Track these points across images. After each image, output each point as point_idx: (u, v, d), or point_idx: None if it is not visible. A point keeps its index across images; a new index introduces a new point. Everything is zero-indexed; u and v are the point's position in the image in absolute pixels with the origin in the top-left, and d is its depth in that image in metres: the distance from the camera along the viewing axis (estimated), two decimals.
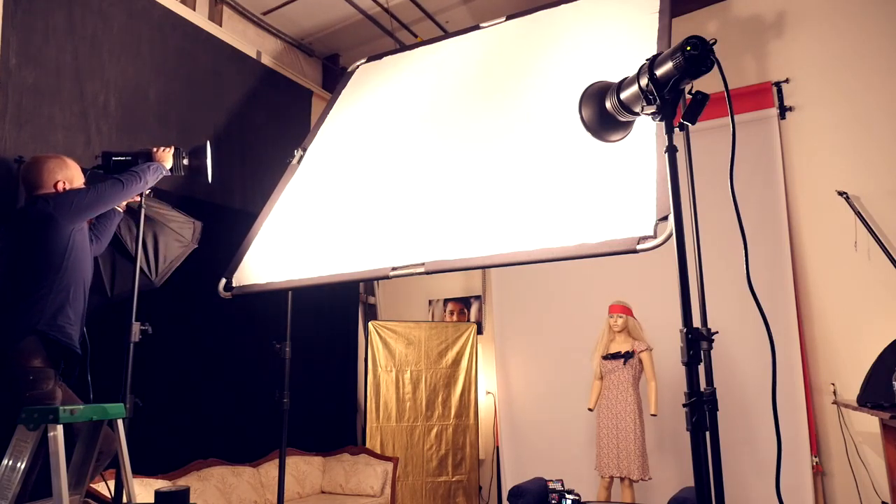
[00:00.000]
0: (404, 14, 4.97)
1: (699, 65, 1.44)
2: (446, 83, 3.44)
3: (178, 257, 3.19)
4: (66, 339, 2.27)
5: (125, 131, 3.62)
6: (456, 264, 2.48)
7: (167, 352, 3.55)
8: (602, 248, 2.07)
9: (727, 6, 4.45)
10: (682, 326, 1.41)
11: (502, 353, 4.95)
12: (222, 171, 3.02)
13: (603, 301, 4.02)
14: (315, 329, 4.73)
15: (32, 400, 2.12)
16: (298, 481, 4.36)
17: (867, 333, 3.57)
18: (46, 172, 2.44)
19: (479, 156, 2.80)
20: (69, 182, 2.47)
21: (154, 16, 3.93)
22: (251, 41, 4.95)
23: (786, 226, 3.90)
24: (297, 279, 2.91)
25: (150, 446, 3.30)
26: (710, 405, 1.44)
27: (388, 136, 3.34)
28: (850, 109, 3.87)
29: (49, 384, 2.21)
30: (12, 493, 1.86)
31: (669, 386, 3.89)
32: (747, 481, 3.69)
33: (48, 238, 2.30)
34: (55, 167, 2.46)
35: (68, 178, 2.48)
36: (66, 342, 2.27)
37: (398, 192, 2.94)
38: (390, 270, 2.54)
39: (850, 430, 3.60)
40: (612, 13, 3.07)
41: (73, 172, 2.52)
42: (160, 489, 2.46)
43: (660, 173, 2.09)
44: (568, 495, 3.39)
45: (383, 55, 4.16)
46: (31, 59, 3.20)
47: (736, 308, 3.13)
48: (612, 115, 1.72)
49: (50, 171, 2.45)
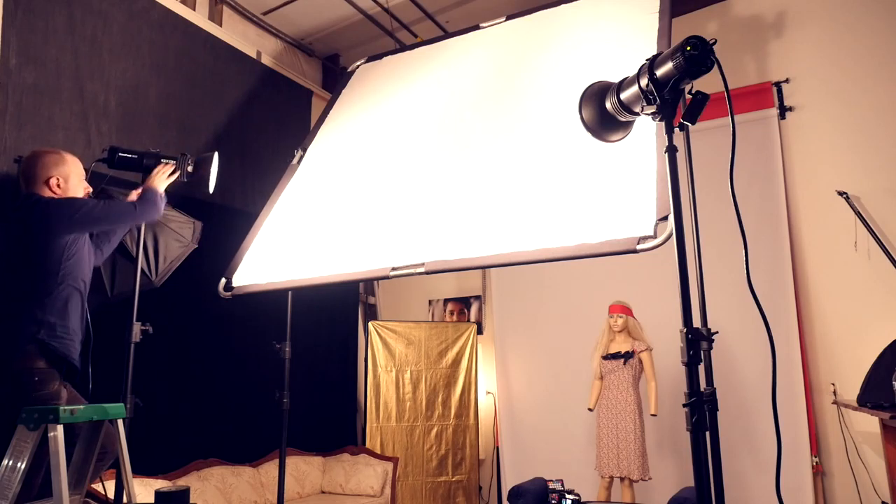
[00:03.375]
0: (404, 14, 4.97)
1: (699, 65, 1.44)
2: (446, 83, 3.44)
3: (178, 257, 3.19)
4: (64, 351, 2.23)
5: (125, 131, 3.62)
6: (456, 264, 2.48)
7: (167, 352, 3.55)
8: (602, 248, 2.07)
9: (727, 6, 4.45)
10: (682, 326, 1.41)
11: (502, 353, 4.95)
12: (222, 170, 3.01)
13: (603, 301, 4.02)
14: (315, 329, 4.73)
15: (39, 400, 2.11)
16: (298, 481, 4.36)
17: (867, 333, 3.57)
18: (41, 167, 2.35)
19: (480, 155, 2.80)
20: (64, 179, 2.38)
21: (154, 16, 3.93)
22: (251, 41, 4.95)
23: (786, 226, 3.90)
24: (297, 279, 2.91)
25: (150, 446, 3.30)
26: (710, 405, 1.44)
27: (387, 136, 3.34)
28: (850, 109, 3.87)
29: (55, 385, 2.20)
30: (12, 493, 1.86)
31: (669, 386, 3.89)
32: (747, 481, 3.69)
33: (45, 244, 2.24)
34: (50, 162, 2.37)
35: (63, 175, 2.38)
36: (65, 353, 2.24)
37: (398, 192, 2.94)
38: (390, 270, 2.54)
39: (850, 430, 3.60)
40: (612, 13, 3.07)
41: (70, 169, 2.42)
42: (160, 489, 2.46)
43: (660, 173, 2.09)
44: (568, 495, 3.39)
45: (383, 55, 4.17)
46: (31, 59, 3.20)
47: (736, 308, 3.13)
48: (612, 115, 1.72)
49: (44, 165, 2.36)
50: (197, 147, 4.02)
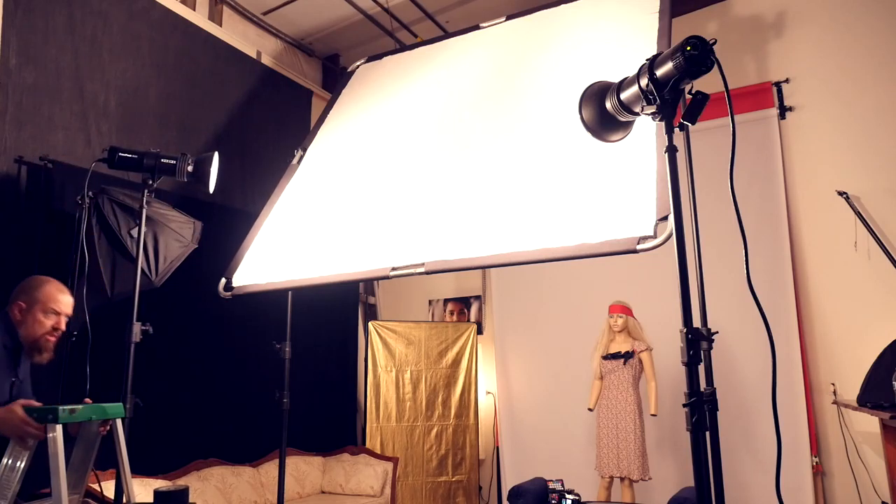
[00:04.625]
0: (404, 14, 4.97)
1: (699, 65, 1.44)
2: (446, 83, 3.44)
3: (178, 257, 3.19)
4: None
5: (125, 131, 3.62)
6: (456, 264, 2.47)
7: (167, 352, 3.55)
8: (602, 248, 2.07)
9: (727, 6, 4.45)
10: (682, 326, 1.41)
11: (502, 353, 4.95)
12: (222, 170, 3.01)
13: (603, 301, 4.01)
14: (315, 329, 4.72)
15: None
16: (298, 481, 4.36)
17: (867, 333, 3.57)
18: (17, 289, 2.21)
19: (480, 155, 2.80)
20: (28, 305, 2.17)
21: (154, 16, 3.93)
22: (251, 41, 4.95)
23: (786, 226, 3.90)
24: (297, 279, 2.90)
25: (150, 446, 3.30)
26: (710, 405, 1.44)
27: (387, 136, 3.34)
28: (850, 109, 3.87)
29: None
30: (11, 492, 1.85)
31: (669, 386, 3.89)
32: (747, 481, 3.69)
33: None
34: (23, 288, 2.21)
35: (29, 302, 2.17)
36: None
37: (398, 192, 2.94)
38: (390, 270, 2.54)
39: (850, 430, 3.60)
40: (612, 13, 3.07)
41: (42, 296, 2.19)
42: (159, 489, 2.45)
43: (660, 173, 2.08)
44: (568, 495, 3.39)
45: (383, 55, 4.16)
46: (31, 59, 3.20)
47: (736, 308, 3.13)
48: (613, 115, 1.72)
49: (20, 289, 2.21)
50: (197, 147, 4.02)
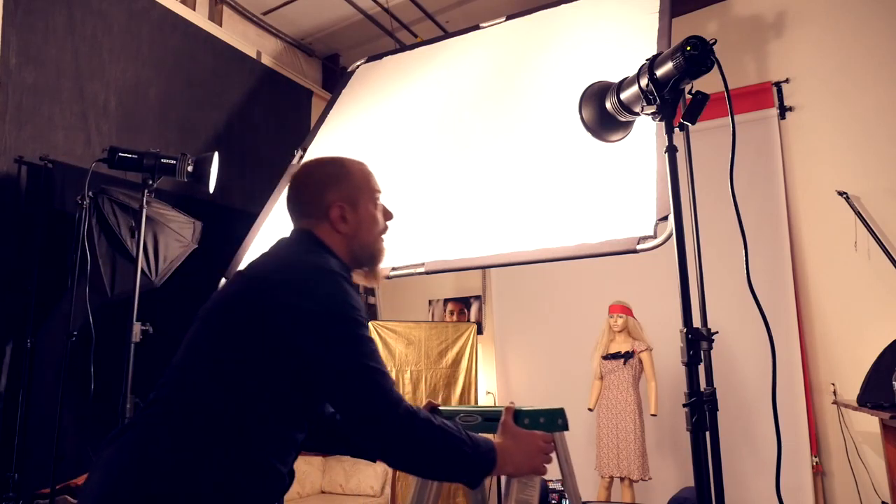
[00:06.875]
0: (404, 14, 4.97)
1: (699, 65, 1.44)
2: (446, 83, 3.44)
3: (178, 257, 3.19)
4: None
5: (125, 131, 3.62)
6: (456, 264, 2.48)
7: (167, 352, 3.54)
8: (602, 248, 2.07)
9: (727, 6, 4.44)
10: (682, 326, 1.41)
11: (502, 353, 4.95)
12: (222, 171, 3.01)
13: (603, 301, 4.01)
14: None
15: None
16: (298, 481, 4.35)
17: (867, 333, 3.57)
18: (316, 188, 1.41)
19: (479, 155, 2.80)
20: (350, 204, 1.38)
21: (154, 16, 3.93)
22: (251, 41, 4.95)
23: (786, 226, 3.90)
24: None
25: None
26: (710, 405, 1.44)
27: (387, 136, 3.34)
28: (850, 109, 3.87)
29: None
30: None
31: (669, 386, 3.89)
32: (747, 481, 3.69)
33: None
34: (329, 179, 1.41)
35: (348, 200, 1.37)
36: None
37: (398, 192, 2.94)
38: (390, 270, 2.54)
39: (850, 430, 3.60)
40: (612, 13, 3.07)
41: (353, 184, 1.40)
42: None
43: (660, 173, 2.09)
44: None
45: (383, 55, 4.16)
46: (31, 59, 3.20)
47: (736, 308, 3.12)
48: (613, 115, 1.72)
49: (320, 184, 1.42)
50: (197, 147, 4.02)
